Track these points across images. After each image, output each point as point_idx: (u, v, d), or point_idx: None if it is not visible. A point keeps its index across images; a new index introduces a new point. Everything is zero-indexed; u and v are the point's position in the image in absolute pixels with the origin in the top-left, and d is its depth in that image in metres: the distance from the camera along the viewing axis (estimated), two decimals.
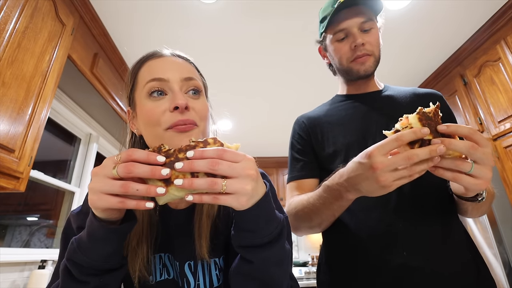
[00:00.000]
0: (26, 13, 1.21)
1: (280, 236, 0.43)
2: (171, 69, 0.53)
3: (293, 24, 1.93)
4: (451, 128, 0.48)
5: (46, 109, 1.33)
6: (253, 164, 0.38)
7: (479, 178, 0.49)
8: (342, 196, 0.62)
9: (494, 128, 1.93)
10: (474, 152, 0.47)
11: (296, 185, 0.86)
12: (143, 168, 0.36)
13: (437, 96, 0.87)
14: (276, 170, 4.44)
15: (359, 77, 0.87)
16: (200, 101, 0.55)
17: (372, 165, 0.50)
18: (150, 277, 0.55)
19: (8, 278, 1.61)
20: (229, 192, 0.36)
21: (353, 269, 0.73)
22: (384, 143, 0.50)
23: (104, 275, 0.43)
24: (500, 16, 1.86)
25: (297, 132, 0.93)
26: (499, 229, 1.85)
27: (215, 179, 0.36)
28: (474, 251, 0.74)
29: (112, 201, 0.36)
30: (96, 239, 0.41)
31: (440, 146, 0.46)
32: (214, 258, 0.56)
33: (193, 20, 1.87)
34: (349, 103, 0.91)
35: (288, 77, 2.53)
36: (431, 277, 0.65)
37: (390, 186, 0.51)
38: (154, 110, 0.50)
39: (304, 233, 0.82)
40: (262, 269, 0.43)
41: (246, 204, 0.37)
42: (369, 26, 0.83)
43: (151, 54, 0.57)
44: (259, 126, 3.50)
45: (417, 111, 0.50)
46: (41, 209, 2.14)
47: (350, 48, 0.84)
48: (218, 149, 0.37)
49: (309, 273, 3.60)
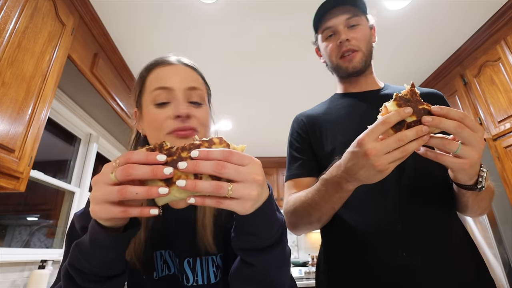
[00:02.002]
0: (26, 13, 1.21)
1: (281, 239, 0.43)
2: (177, 78, 0.57)
3: (293, 24, 1.93)
4: (444, 110, 0.49)
5: (46, 109, 1.33)
6: (260, 169, 0.37)
7: (463, 158, 0.51)
8: (342, 187, 0.62)
9: (494, 128, 1.93)
10: (461, 131, 0.48)
11: (293, 184, 0.86)
12: (143, 169, 0.34)
13: (437, 95, 0.87)
14: (276, 170, 4.44)
15: (348, 74, 0.88)
16: (201, 110, 0.58)
17: (366, 152, 0.51)
18: (154, 273, 0.56)
19: (8, 278, 1.61)
20: (234, 197, 0.35)
21: (351, 270, 0.73)
22: (372, 128, 0.51)
23: (107, 282, 0.42)
24: (500, 16, 1.86)
25: (296, 130, 0.93)
26: (499, 229, 1.85)
27: (221, 183, 0.34)
28: (474, 251, 0.73)
29: (114, 211, 0.35)
30: (99, 246, 0.39)
31: (425, 126, 0.48)
32: (212, 256, 0.57)
33: (193, 20, 1.87)
34: (348, 101, 0.91)
35: (288, 76, 2.53)
36: (430, 278, 0.65)
37: (387, 169, 0.52)
38: (158, 116, 0.55)
39: (302, 230, 0.82)
40: (264, 272, 0.43)
41: (250, 209, 0.36)
42: (355, 22, 0.86)
43: (159, 62, 0.61)
44: (259, 126, 3.50)
45: (394, 97, 0.51)
46: (41, 209, 2.14)
47: (336, 44, 0.87)
48: (224, 151, 0.35)
49: (309, 273, 3.60)
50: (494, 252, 1.83)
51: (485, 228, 1.90)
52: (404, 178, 0.74)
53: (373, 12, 0.94)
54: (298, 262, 3.99)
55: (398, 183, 0.73)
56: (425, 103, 0.50)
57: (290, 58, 2.28)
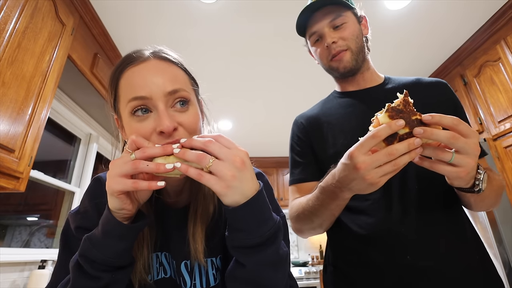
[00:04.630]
0: (26, 13, 1.21)
1: (275, 238, 0.42)
2: (154, 83, 0.47)
3: (293, 24, 1.93)
4: (435, 118, 0.47)
5: (46, 109, 1.33)
6: (243, 155, 0.41)
7: (458, 166, 0.49)
8: (337, 196, 0.62)
9: (494, 128, 1.93)
10: (455, 142, 0.47)
11: (296, 189, 0.86)
12: (156, 150, 0.41)
13: (441, 84, 0.84)
14: (276, 170, 4.44)
15: (341, 74, 0.86)
16: (188, 113, 0.50)
17: (355, 166, 0.50)
18: (149, 276, 0.54)
19: (8, 278, 1.61)
20: (213, 173, 0.39)
21: (356, 272, 0.73)
22: (362, 142, 0.50)
23: (116, 272, 0.44)
24: (500, 16, 1.86)
25: (296, 134, 0.92)
26: (499, 229, 1.85)
27: (204, 154, 0.39)
28: (482, 252, 0.72)
29: (127, 183, 0.40)
30: (112, 236, 0.42)
31: (417, 139, 0.47)
32: (211, 257, 0.56)
33: (193, 20, 1.87)
34: (347, 101, 0.89)
35: (289, 76, 2.53)
36: (436, 281, 0.64)
37: (378, 183, 0.51)
38: (140, 131, 0.47)
39: (307, 234, 0.82)
40: (256, 273, 0.43)
41: (225, 190, 0.39)
42: (340, 21, 0.83)
43: (130, 59, 0.51)
44: (259, 126, 3.50)
45: (385, 108, 0.49)
46: (41, 209, 2.15)
47: (324, 48, 0.85)
48: (216, 134, 0.42)
49: (309, 273, 3.60)
50: (494, 252, 1.83)
51: (485, 228, 1.90)
52: (407, 181, 0.73)
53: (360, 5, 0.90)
54: (298, 262, 3.99)
55: (401, 186, 0.73)
56: (417, 113, 0.48)
57: (290, 58, 2.28)
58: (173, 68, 0.52)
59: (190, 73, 0.56)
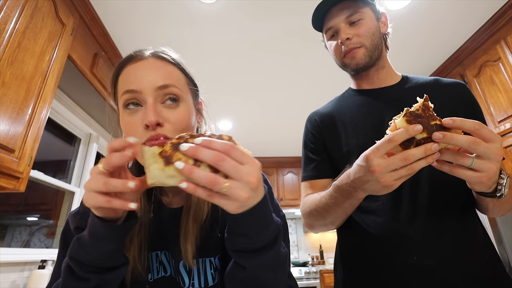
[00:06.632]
0: (26, 13, 1.21)
1: (275, 241, 0.42)
2: (146, 78, 0.50)
3: (293, 24, 1.93)
4: (456, 123, 0.46)
5: (46, 109, 1.33)
6: (257, 172, 0.36)
7: (479, 171, 0.48)
8: (351, 195, 0.62)
9: (494, 128, 1.93)
10: (476, 147, 0.46)
11: (309, 185, 0.87)
12: (118, 159, 0.37)
13: (460, 85, 0.84)
14: (276, 170, 4.44)
15: (354, 70, 0.85)
16: (178, 110, 0.51)
17: (370, 168, 0.50)
18: (149, 275, 0.55)
19: (8, 278, 1.61)
20: (227, 195, 0.35)
21: (364, 270, 0.74)
22: (378, 145, 0.50)
23: (105, 273, 0.43)
24: (500, 16, 1.86)
25: (310, 131, 0.92)
26: (499, 229, 1.85)
27: (218, 178, 0.33)
28: (491, 253, 0.71)
29: (100, 200, 0.37)
30: (97, 238, 0.41)
31: (434, 144, 0.46)
32: (209, 257, 0.56)
33: (193, 20, 1.87)
34: (362, 99, 0.87)
35: (290, 76, 2.53)
36: (443, 282, 0.64)
37: (392, 185, 0.51)
38: (130, 124, 0.50)
39: (319, 230, 0.83)
40: (256, 276, 0.43)
41: (237, 210, 0.36)
42: (356, 17, 0.82)
43: (131, 58, 0.54)
44: (259, 126, 3.50)
45: (404, 112, 0.48)
46: (41, 209, 2.15)
47: (338, 44, 0.84)
48: (227, 144, 0.35)
49: (309, 273, 3.60)
50: None
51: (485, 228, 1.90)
52: (419, 184, 0.73)
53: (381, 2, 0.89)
54: (298, 262, 3.99)
55: (412, 189, 0.73)
56: (437, 118, 0.47)
57: (292, 57, 2.28)
58: (168, 66, 0.53)
59: (188, 74, 0.57)
